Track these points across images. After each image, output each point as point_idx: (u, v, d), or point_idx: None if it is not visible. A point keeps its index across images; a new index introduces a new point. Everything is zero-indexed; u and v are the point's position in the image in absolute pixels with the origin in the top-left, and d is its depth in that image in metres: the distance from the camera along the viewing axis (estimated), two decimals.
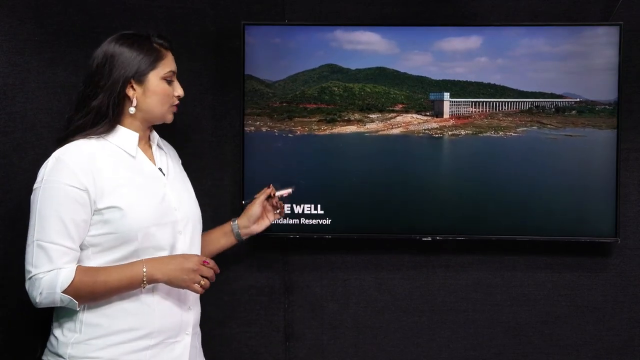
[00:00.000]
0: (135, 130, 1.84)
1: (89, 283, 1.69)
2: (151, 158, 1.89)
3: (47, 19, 2.12)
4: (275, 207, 2.15)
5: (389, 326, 2.50)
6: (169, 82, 1.85)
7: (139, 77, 1.80)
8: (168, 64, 1.84)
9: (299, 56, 2.36)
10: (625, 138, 2.38)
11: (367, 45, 2.37)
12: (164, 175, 1.88)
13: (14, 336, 1.99)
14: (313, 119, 2.40)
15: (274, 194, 2.13)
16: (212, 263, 1.79)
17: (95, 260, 1.75)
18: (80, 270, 1.70)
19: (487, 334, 2.50)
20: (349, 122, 2.40)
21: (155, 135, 1.95)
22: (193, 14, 2.41)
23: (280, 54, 2.37)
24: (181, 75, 1.92)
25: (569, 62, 2.34)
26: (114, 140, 1.81)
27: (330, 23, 2.40)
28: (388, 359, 2.51)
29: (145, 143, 1.90)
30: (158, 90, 1.82)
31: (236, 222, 2.10)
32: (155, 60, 1.81)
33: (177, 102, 1.88)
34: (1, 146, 1.95)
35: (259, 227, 2.12)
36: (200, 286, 1.77)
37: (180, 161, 2.08)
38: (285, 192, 2.19)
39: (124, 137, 1.82)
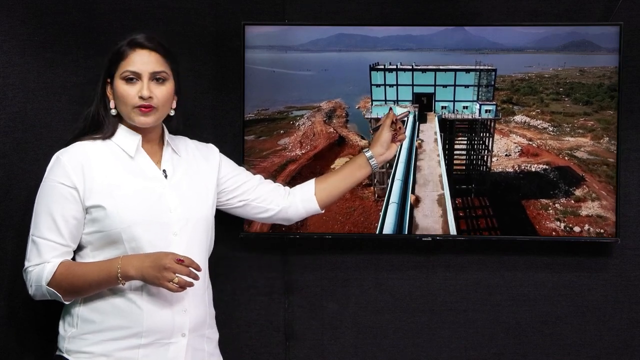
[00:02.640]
0: (133, 130, 1.83)
1: (69, 277, 1.72)
2: (159, 159, 1.87)
3: (47, 19, 2.12)
4: (397, 131, 2.04)
5: (389, 326, 2.50)
6: (129, 82, 1.78)
7: (111, 80, 1.81)
8: (127, 64, 1.78)
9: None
10: (625, 138, 2.38)
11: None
12: (167, 177, 1.87)
13: (14, 335, 1.99)
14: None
15: (396, 119, 2.03)
16: (187, 261, 1.68)
17: (93, 258, 1.77)
18: (63, 264, 1.73)
19: (487, 334, 2.50)
20: None
21: (166, 136, 1.90)
22: (193, 14, 2.41)
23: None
24: (181, 75, 1.89)
25: (569, 62, 2.34)
26: (116, 140, 1.82)
27: (330, 23, 2.40)
28: (388, 359, 2.51)
29: (156, 143, 1.88)
30: (118, 92, 1.80)
31: (370, 152, 2.02)
32: (116, 61, 1.80)
33: (139, 103, 1.77)
34: (1, 146, 1.95)
35: (391, 152, 2.03)
36: (177, 284, 1.66)
37: (217, 161, 1.98)
38: (404, 113, 2.08)
39: (124, 137, 1.82)
